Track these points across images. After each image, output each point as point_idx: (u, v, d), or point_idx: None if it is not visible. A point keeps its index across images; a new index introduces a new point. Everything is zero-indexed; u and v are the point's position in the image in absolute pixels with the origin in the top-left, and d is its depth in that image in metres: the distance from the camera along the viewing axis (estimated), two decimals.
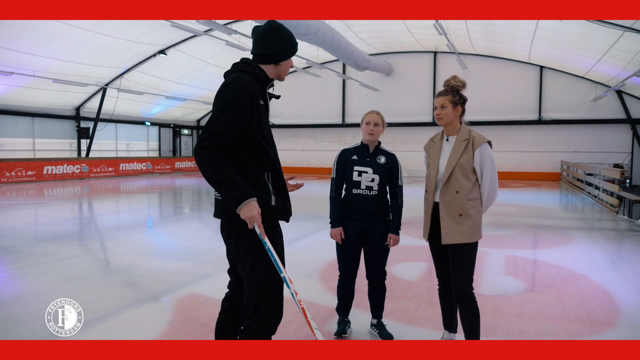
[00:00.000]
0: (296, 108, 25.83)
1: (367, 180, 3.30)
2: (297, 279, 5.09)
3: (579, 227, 9.39)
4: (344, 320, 3.53)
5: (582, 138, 20.89)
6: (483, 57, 21.78)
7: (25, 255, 6.14)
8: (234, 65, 2.39)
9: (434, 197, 3.01)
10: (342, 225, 3.35)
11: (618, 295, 4.67)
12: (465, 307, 2.91)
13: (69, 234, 7.86)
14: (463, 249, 2.89)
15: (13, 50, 15.28)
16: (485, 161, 2.92)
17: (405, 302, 4.35)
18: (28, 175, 18.09)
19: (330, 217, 3.42)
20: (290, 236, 7.99)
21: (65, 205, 12.45)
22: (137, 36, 17.17)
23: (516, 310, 4.18)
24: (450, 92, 3.00)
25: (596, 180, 13.06)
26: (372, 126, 3.34)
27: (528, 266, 5.88)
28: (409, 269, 5.54)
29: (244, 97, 2.19)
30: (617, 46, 14.12)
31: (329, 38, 15.30)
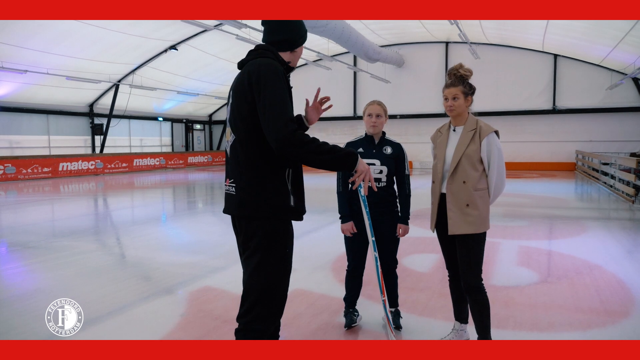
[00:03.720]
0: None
1: (376, 172, 3.29)
2: (310, 271, 5.13)
3: (594, 217, 9.27)
4: (350, 311, 3.54)
5: (598, 127, 20.57)
6: (496, 46, 21.50)
7: (42, 250, 6.26)
8: (252, 53, 2.26)
9: (440, 187, 3.00)
10: (352, 219, 3.35)
11: (633, 285, 4.62)
12: (475, 299, 2.90)
13: (85, 229, 7.99)
14: (470, 240, 2.88)
15: (27, 49, 15.50)
16: (492, 151, 2.89)
17: (417, 293, 4.36)
18: (44, 172, 18.39)
19: (339, 212, 3.42)
20: (303, 229, 8.02)
21: (81, 201, 12.64)
22: (148, 32, 17.28)
23: (529, 301, 4.16)
24: (461, 82, 2.98)
25: (612, 170, 12.86)
26: (375, 118, 3.32)
27: (541, 257, 5.83)
28: (421, 261, 5.53)
29: (283, 80, 2.11)
30: (633, 32, 13.83)
31: (339, 30, 15.23)
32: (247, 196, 2.15)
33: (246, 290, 2.18)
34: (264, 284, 2.14)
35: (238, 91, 2.18)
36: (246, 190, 2.15)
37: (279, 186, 2.15)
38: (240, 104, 2.15)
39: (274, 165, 2.15)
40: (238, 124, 2.17)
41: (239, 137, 2.17)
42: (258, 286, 2.14)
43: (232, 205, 2.23)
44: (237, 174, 2.19)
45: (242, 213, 2.18)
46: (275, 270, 2.16)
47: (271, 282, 2.15)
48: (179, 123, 28.30)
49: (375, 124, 3.33)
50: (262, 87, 2.05)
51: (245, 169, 2.15)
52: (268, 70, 2.09)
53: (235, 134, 2.19)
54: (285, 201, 2.17)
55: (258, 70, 2.10)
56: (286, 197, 2.17)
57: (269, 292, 2.15)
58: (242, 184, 2.16)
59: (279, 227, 2.17)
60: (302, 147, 2.01)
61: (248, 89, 2.11)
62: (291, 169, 2.21)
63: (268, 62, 2.14)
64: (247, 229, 2.17)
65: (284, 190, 2.17)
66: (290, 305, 4.03)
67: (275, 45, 2.28)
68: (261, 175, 2.13)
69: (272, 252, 2.15)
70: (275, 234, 2.15)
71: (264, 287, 2.14)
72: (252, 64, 2.16)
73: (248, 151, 2.14)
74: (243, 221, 2.19)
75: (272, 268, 2.15)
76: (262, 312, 2.14)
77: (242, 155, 2.16)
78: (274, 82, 2.07)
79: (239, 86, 2.18)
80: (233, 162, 2.22)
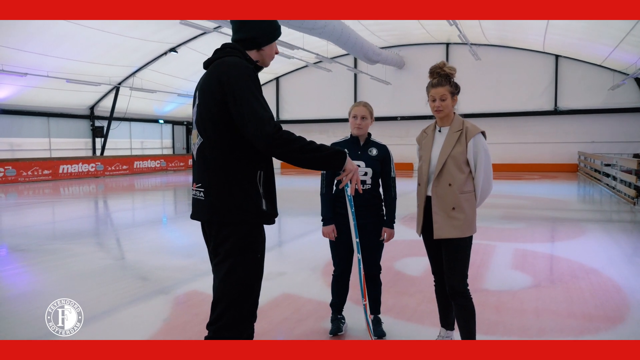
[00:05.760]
0: (308, 103, 25.79)
1: (360, 173, 3.21)
2: (298, 275, 5.06)
3: (593, 219, 9.16)
4: (337, 318, 3.46)
5: (600, 128, 20.44)
6: (496, 47, 21.41)
7: (35, 254, 6.22)
8: (218, 51, 2.18)
9: (426, 190, 2.92)
10: (334, 222, 3.27)
11: (630, 290, 4.52)
12: (460, 304, 2.82)
13: (80, 232, 7.94)
14: (456, 244, 2.80)
15: (27, 52, 15.52)
16: (478, 152, 2.81)
17: (407, 298, 4.28)
18: (44, 175, 18.40)
19: (321, 214, 3.34)
20: (296, 232, 7.97)
21: (80, 203, 12.61)
22: (147, 34, 17.28)
23: (520, 306, 4.07)
24: (447, 81, 2.90)
25: (613, 171, 12.74)
26: (360, 120, 3.25)
27: (537, 260, 5.74)
28: (414, 264, 5.45)
29: (254, 80, 2.03)
30: (635, 32, 13.72)
31: (337, 32, 15.18)
32: (217, 201, 2.06)
33: (217, 297, 2.11)
34: (235, 290, 2.07)
35: (206, 91, 2.09)
36: (215, 194, 2.07)
37: (250, 190, 2.07)
38: (209, 104, 2.07)
39: (244, 168, 2.07)
40: (207, 125, 2.08)
41: (207, 139, 2.09)
42: (229, 293, 2.07)
43: (201, 210, 2.14)
44: (205, 178, 2.11)
45: (211, 219, 2.09)
46: (247, 276, 2.09)
47: (243, 289, 2.08)
48: (180, 125, 28.31)
49: (360, 125, 3.26)
50: (236, 90, 1.98)
51: (214, 172, 2.07)
52: (239, 71, 2.02)
53: (203, 135, 2.11)
54: (257, 205, 2.09)
55: (228, 71, 2.02)
56: (258, 200, 2.09)
57: (240, 299, 2.08)
58: (211, 188, 2.08)
59: (251, 232, 2.09)
60: (289, 146, 1.96)
61: (217, 89, 2.02)
62: (262, 171, 2.12)
63: (237, 62, 2.06)
64: (218, 235, 2.09)
65: (256, 193, 2.09)
66: (276, 310, 3.96)
67: (242, 43, 2.20)
68: (231, 178, 2.05)
69: (243, 257, 2.07)
70: (246, 239, 2.08)
71: (235, 294, 2.07)
72: (220, 64, 2.09)
73: (217, 153, 2.06)
74: (213, 227, 2.11)
75: (244, 274, 2.08)
76: (232, 319, 2.08)
77: (210, 158, 2.07)
78: (247, 83, 2.01)
79: (206, 86, 2.10)
80: (201, 165, 2.13)
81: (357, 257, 2.59)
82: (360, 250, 3.29)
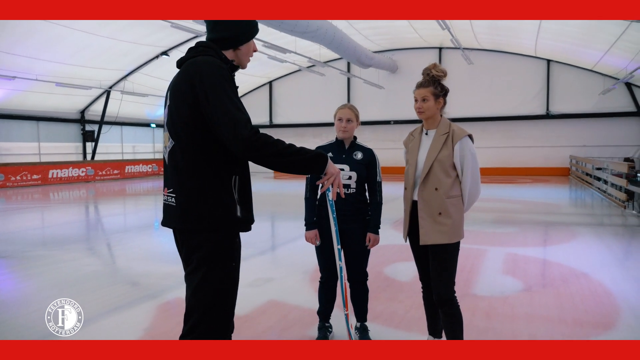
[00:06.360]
0: (301, 107, 25.72)
1: (344, 178, 3.13)
2: (286, 281, 4.97)
3: (585, 223, 9.14)
4: (324, 326, 3.37)
5: (591, 132, 20.51)
6: (488, 51, 21.46)
7: (19, 260, 6.08)
8: (191, 50, 2.07)
9: (412, 194, 2.85)
10: (317, 227, 3.19)
11: (620, 295, 4.47)
12: (447, 312, 2.74)
13: (65, 239, 7.80)
14: (443, 250, 2.73)
15: (15, 55, 15.34)
16: (465, 156, 2.75)
17: (396, 304, 4.20)
18: (33, 179, 18.18)
19: (305, 219, 3.26)
20: (288, 236, 7.88)
21: (69, 208, 12.44)
22: (138, 38, 17.16)
23: (511, 311, 4.00)
24: (432, 83, 2.84)
25: (604, 175, 12.76)
26: (345, 122, 3.18)
27: (528, 265, 5.68)
28: (403, 270, 5.37)
29: (228, 80, 1.93)
30: (625, 37, 13.78)
31: (330, 35, 15.15)
32: (189, 207, 1.96)
33: (189, 309, 2.00)
34: (208, 302, 1.96)
35: (177, 92, 1.99)
36: (187, 200, 1.96)
37: (224, 195, 1.97)
38: (180, 106, 1.97)
39: (218, 173, 1.96)
40: (178, 128, 1.98)
41: (178, 143, 1.98)
42: (201, 304, 1.96)
43: (172, 217, 2.03)
44: (176, 183, 2.00)
45: (183, 226, 1.99)
46: (221, 287, 1.98)
47: (216, 300, 1.97)
48: None
49: (345, 128, 3.18)
50: (209, 90, 1.87)
51: (186, 177, 1.96)
52: (211, 70, 1.91)
53: (174, 138, 2.00)
54: (231, 212, 1.98)
55: (200, 71, 1.91)
56: (232, 207, 1.99)
57: (213, 311, 1.97)
58: (183, 193, 1.97)
59: (225, 240, 1.98)
60: (266, 150, 1.86)
61: (189, 90, 1.92)
62: (238, 176, 2.01)
63: (209, 61, 1.95)
64: (189, 243, 1.98)
65: (230, 199, 1.98)
66: (262, 317, 3.87)
67: (217, 42, 2.09)
68: (204, 183, 1.94)
69: (216, 267, 1.96)
70: (220, 247, 1.97)
71: (208, 305, 1.96)
72: (192, 63, 1.98)
73: (189, 157, 1.95)
74: (185, 235, 2.01)
75: (217, 285, 1.97)
76: (205, 332, 1.97)
77: (182, 162, 1.96)
78: (221, 83, 1.90)
79: (177, 87, 1.99)
80: (172, 169, 2.03)
81: (339, 264, 2.50)
82: (345, 257, 3.23)
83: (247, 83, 25.39)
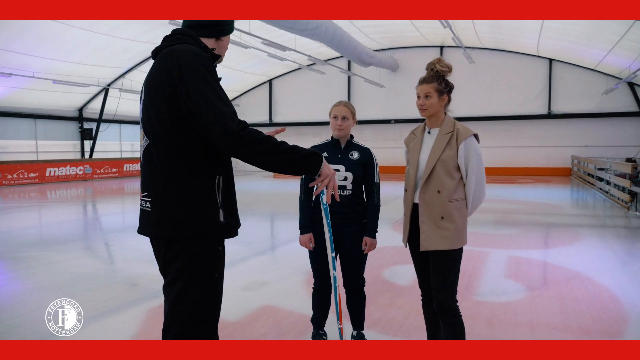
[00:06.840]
0: (301, 105, 25.56)
1: (340, 178, 2.97)
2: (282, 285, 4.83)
3: (587, 224, 8.98)
4: (318, 333, 3.22)
5: (594, 132, 20.36)
6: (490, 50, 21.31)
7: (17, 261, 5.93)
8: (167, 38, 1.89)
9: (413, 197, 2.69)
10: (312, 230, 3.03)
11: (627, 300, 4.31)
12: (448, 323, 2.58)
13: (66, 237, 7.65)
14: (445, 257, 2.57)
15: (11, 52, 15.19)
16: (470, 156, 2.58)
17: (395, 310, 4.04)
18: (30, 178, 18.02)
19: (299, 222, 3.10)
20: (286, 237, 7.72)
21: (67, 207, 12.29)
22: (137, 35, 16.98)
23: (513, 318, 3.85)
24: (435, 78, 2.67)
25: (607, 175, 12.60)
26: (340, 120, 3.01)
27: (531, 268, 5.52)
28: (403, 273, 5.21)
29: (210, 69, 1.76)
30: (628, 36, 13.63)
31: (330, 33, 14.99)
32: (166, 213, 1.78)
33: (167, 324, 1.82)
34: (188, 316, 1.78)
35: (152, 85, 1.81)
36: (164, 205, 1.78)
37: (204, 199, 1.79)
38: (156, 100, 1.79)
39: (199, 174, 1.78)
40: (154, 124, 1.80)
41: (154, 141, 1.80)
42: (179, 320, 1.79)
43: (148, 224, 1.85)
44: (152, 186, 1.82)
45: (159, 233, 1.81)
46: (202, 300, 1.80)
47: (197, 313, 1.80)
48: None
49: (341, 127, 3.02)
50: (189, 81, 1.69)
51: (163, 180, 1.78)
52: (190, 60, 1.73)
53: (149, 137, 1.82)
54: (213, 217, 1.80)
55: (178, 61, 1.73)
56: (214, 212, 1.80)
57: (193, 327, 1.79)
58: (159, 198, 1.79)
59: (206, 248, 1.80)
60: (256, 147, 1.69)
61: (166, 82, 1.74)
62: (221, 177, 1.83)
63: (188, 49, 1.77)
64: (167, 252, 1.81)
65: (211, 203, 1.80)
66: (254, 324, 3.72)
67: (196, 29, 1.90)
68: (183, 186, 1.76)
69: (196, 278, 1.78)
70: (200, 256, 1.79)
71: (188, 321, 1.79)
72: (169, 53, 1.79)
73: (166, 157, 1.77)
74: (161, 243, 1.83)
75: (198, 297, 1.79)
76: None
77: (158, 163, 1.78)
78: (203, 74, 1.72)
79: (153, 80, 1.82)
80: (147, 171, 1.84)
81: (332, 273, 2.34)
82: (341, 262, 3.07)
83: (246, 81, 25.24)
